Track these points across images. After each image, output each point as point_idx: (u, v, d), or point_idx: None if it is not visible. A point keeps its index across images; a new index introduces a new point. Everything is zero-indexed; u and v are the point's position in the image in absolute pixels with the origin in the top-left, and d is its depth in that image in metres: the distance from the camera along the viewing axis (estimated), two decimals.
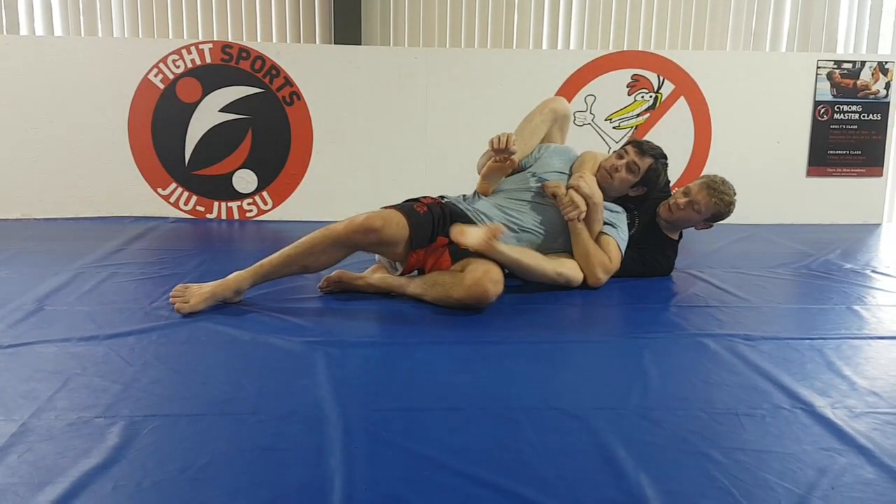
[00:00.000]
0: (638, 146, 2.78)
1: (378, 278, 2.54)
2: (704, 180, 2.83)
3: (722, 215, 2.82)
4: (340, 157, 4.06)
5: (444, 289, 2.37)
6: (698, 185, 2.81)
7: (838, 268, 3.10)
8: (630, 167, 2.75)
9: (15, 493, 1.23)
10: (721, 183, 2.81)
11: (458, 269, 2.42)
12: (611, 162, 2.77)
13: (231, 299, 2.32)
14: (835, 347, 2.06)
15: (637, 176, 2.76)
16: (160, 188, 4.00)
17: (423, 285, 2.44)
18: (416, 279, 2.48)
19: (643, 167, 2.75)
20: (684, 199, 2.80)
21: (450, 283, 2.37)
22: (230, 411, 1.57)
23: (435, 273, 2.46)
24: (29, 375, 1.73)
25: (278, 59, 3.95)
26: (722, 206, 2.78)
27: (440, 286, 2.39)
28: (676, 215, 2.82)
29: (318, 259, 2.37)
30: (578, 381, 1.85)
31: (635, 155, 2.75)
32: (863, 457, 1.42)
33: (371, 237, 2.34)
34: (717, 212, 2.79)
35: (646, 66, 4.11)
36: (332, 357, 1.89)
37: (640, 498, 1.26)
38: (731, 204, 2.80)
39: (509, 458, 1.39)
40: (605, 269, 2.63)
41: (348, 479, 1.29)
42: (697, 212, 2.79)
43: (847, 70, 4.19)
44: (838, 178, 4.29)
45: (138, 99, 3.92)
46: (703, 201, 2.77)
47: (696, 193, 2.78)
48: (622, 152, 2.78)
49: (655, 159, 2.77)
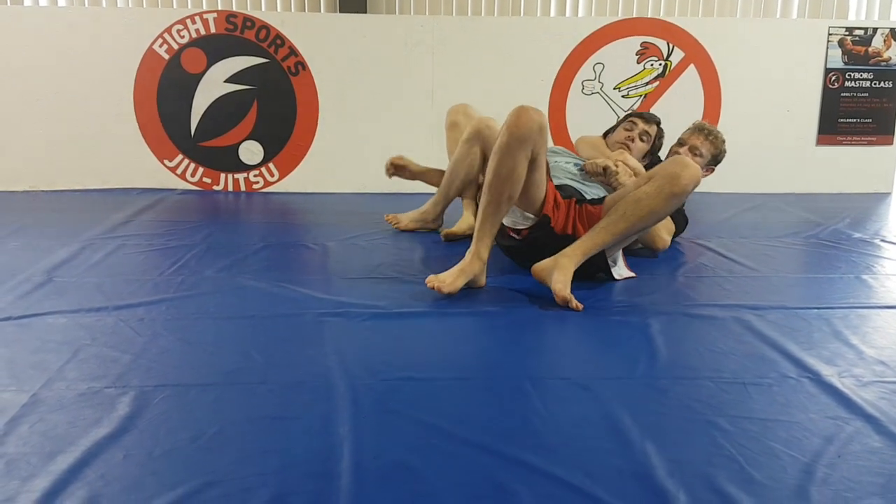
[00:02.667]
0: (640, 116, 2.88)
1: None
2: (692, 127, 2.91)
3: (720, 154, 2.89)
4: (346, 127, 4.04)
5: (656, 195, 2.18)
6: (690, 132, 2.89)
7: (847, 237, 3.08)
8: (642, 136, 2.83)
9: (27, 462, 1.25)
10: (708, 125, 2.91)
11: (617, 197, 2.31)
12: (622, 135, 2.84)
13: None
14: (842, 317, 2.06)
15: (649, 143, 2.85)
16: (167, 160, 3.99)
17: (617, 214, 2.22)
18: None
19: (653, 134, 2.85)
20: (683, 147, 2.85)
21: (658, 187, 2.17)
22: (239, 381, 1.59)
23: (620, 201, 2.27)
24: (39, 346, 1.75)
25: (283, 29, 3.92)
26: (718, 143, 2.86)
27: (647, 198, 2.19)
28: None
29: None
30: (585, 350, 1.86)
31: (644, 124, 2.84)
32: (869, 425, 1.43)
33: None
34: (716, 151, 2.86)
35: (655, 34, 4.06)
36: (339, 328, 1.90)
37: (647, 466, 1.26)
38: (724, 142, 2.89)
39: (516, 427, 1.40)
40: (668, 230, 2.69)
41: (356, 447, 1.30)
42: (700, 156, 2.83)
43: (858, 37, 4.12)
44: (848, 146, 4.25)
45: (143, 70, 3.89)
46: (701, 143, 2.84)
47: (692, 139, 2.86)
48: (630, 124, 2.85)
49: (658, 125, 2.88)
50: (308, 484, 1.19)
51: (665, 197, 2.19)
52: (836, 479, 1.24)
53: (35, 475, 1.20)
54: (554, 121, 4.07)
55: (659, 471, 1.25)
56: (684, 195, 2.22)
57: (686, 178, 2.18)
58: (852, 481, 1.23)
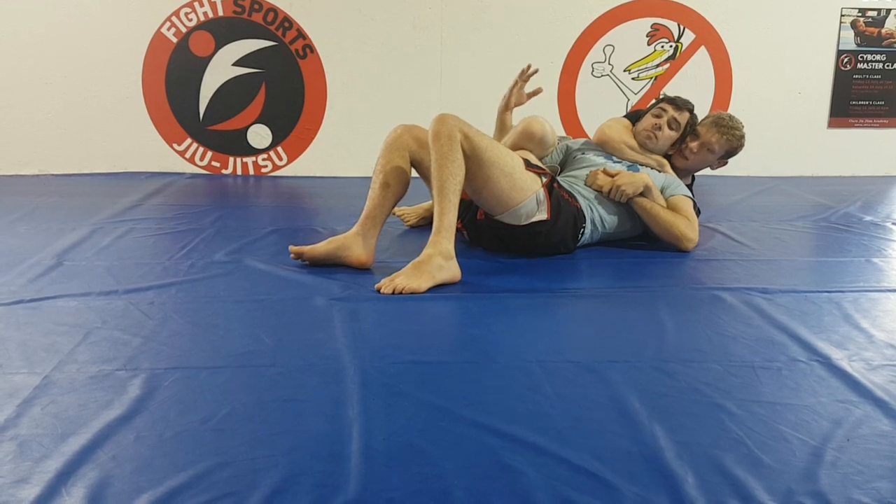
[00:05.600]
0: (672, 102, 2.78)
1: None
2: (711, 119, 2.81)
3: (736, 150, 2.80)
4: (355, 111, 4.03)
5: (676, 222, 2.52)
6: (707, 126, 2.78)
7: (858, 220, 3.06)
8: (671, 124, 2.74)
9: (40, 443, 1.26)
10: (728, 118, 2.79)
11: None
12: (649, 122, 2.75)
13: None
14: (853, 300, 2.05)
15: (679, 131, 2.75)
16: (175, 143, 4.00)
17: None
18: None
19: (683, 122, 2.75)
20: (695, 142, 2.77)
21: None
22: (249, 364, 1.60)
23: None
24: (50, 329, 1.76)
25: (291, 11, 3.90)
26: (734, 140, 2.76)
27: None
28: (692, 161, 2.79)
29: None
30: (593, 333, 1.85)
31: (674, 111, 2.75)
32: (879, 409, 1.42)
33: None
34: (730, 148, 2.77)
35: (666, 15, 4.02)
36: (348, 312, 1.91)
37: (655, 449, 1.27)
38: (743, 137, 2.79)
39: (525, 410, 1.40)
40: (691, 227, 2.56)
41: (366, 430, 1.31)
42: (711, 152, 2.76)
43: (872, 18, 4.07)
44: (860, 129, 4.21)
45: (151, 53, 3.89)
46: (716, 140, 2.74)
47: (706, 135, 2.76)
48: (659, 111, 2.77)
49: (691, 112, 2.77)
50: (318, 465, 1.20)
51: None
52: (844, 463, 1.24)
53: (47, 456, 1.21)
54: (564, 104, 4.05)
55: (667, 453, 1.25)
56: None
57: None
58: (861, 465, 1.23)
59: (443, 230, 2.17)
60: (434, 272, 2.10)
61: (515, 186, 2.31)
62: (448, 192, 2.18)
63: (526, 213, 2.34)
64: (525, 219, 2.35)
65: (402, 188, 2.39)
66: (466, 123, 2.28)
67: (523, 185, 2.32)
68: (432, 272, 2.10)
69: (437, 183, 2.20)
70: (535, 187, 2.34)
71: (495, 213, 2.37)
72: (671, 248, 2.55)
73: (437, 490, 1.15)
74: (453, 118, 2.26)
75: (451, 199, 2.18)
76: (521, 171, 2.33)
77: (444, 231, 2.16)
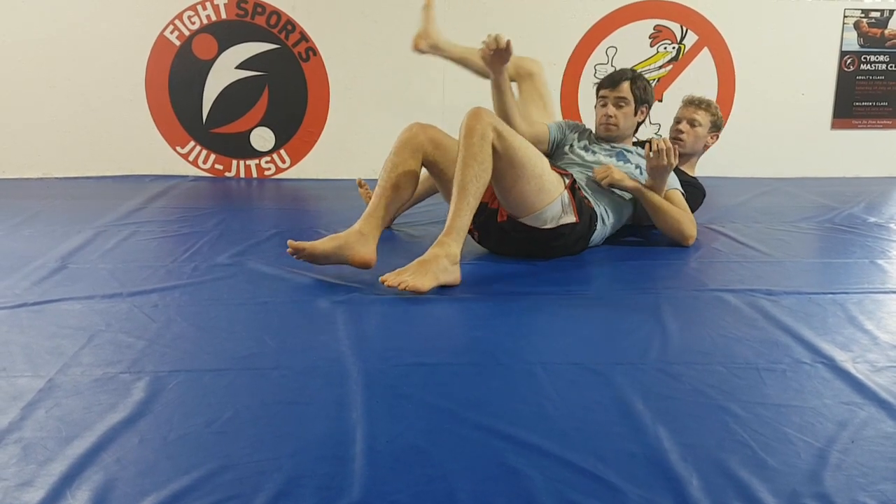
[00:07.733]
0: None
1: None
2: (683, 102, 2.95)
3: (719, 120, 2.92)
4: (357, 113, 4.03)
5: (683, 220, 2.56)
6: (683, 107, 2.92)
7: (862, 221, 3.05)
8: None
9: (44, 446, 1.26)
10: (696, 96, 2.94)
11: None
12: (598, 115, 2.69)
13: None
14: (857, 302, 2.04)
15: (630, 103, 2.64)
16: (179, 146, 4.00)
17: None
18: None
19: (624, 93, 2.63)
20: (680, 124, 2.86)
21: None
22: (253, 366, 1.60)
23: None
24: (54, 332, 1.76)
25: (294, 14, 3.90)
26: (713, 109, 2.89)
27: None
28: (688, 141, 2.86)
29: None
30: (597, 335, 1.85)
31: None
32: (884, 411, 1.42)
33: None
34: (713, 118, 2.89)
35: (668, 17, 4.02)
36: (351, 314, 1.91)
37: (659, 451, 1.26)
38: (718, 107, 2.95)
39: (528, 412, 1.40)
40: (692, 222, 2.60)
41: (369, 432, 1.31)
42: (700, 125, 2.85)
43: (875, 19, 4.07)
44: (864, 129, 4.20)
45: (155, 56, 3.90)
46: (698, 115, 2.85)
47: (686, 112, 2.88)
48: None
49: (629, 80, 2.65)
50: (321, 467, 1.20)
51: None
52: (849, 465, 1.23)
53: (52, 459, 1.22)
54: (566, 105, 4.05)
55: (671, 455, 1.25)
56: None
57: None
58: (866, 466, 1.23)
59: (453, 232, 2.12)
60: (438, 273, 2.07)
61: (543, 189, 2.27)
62: (468, 193, 2.12)
63: (552, 216, 2.31)
64: (551, 222, 2.32)
65: (410, 191, 2.37)
66: (500, 121, 2.22)
67: (550, 188, 2.29)
68: (436, 273, 2.07)
69: (458, 181, 2.14)
70: (560, 189, 2.32)
71: (520, 215, 2.31)
72: (672, 250, 2.55)
73: (441, 492, 1.14)
74: (488, 114, 2.19)
75: (469, 202, 2.13)
76: (549, 173, 2.31)
77: (454, 233, 2.12)
